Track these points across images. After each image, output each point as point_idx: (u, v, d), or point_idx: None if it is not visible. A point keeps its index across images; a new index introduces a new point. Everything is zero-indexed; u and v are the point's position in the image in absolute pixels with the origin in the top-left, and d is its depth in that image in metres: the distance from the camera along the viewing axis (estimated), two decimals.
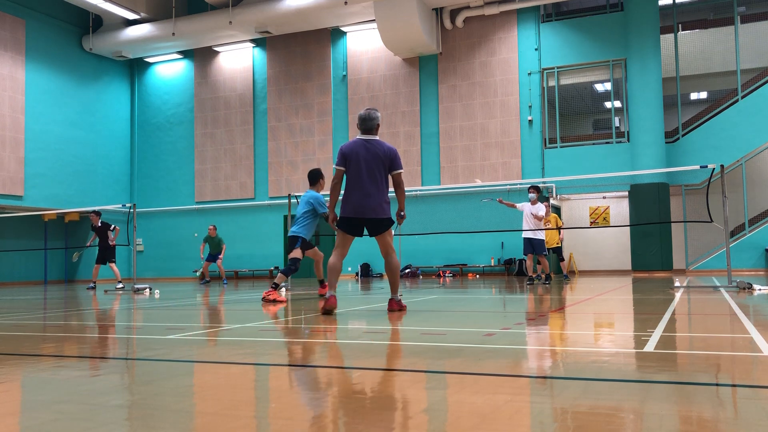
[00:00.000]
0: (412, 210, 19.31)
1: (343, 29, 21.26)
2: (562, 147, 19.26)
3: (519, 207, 12.62)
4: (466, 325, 5.25)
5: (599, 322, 5.51)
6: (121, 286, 13.87)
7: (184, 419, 2.22)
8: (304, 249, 8.88)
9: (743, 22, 18.98)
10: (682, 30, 19.59)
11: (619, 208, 20.61)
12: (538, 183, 18.70)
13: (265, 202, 22.06)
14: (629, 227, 18.22)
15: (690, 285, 10.36)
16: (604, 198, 20.90)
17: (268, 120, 22.30)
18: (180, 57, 23.52)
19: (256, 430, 2.07)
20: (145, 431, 2.05)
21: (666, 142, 18.30)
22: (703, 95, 22.56)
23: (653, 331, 4.26)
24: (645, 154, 17.83)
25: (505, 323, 5.36)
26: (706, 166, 9.88)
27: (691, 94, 22.21)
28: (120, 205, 17.63)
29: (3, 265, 20.31)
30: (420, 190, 19.33)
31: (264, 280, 20.20)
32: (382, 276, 19.65)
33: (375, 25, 19.68)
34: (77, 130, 21.99)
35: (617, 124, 19.57)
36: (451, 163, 19.97)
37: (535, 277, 12.86)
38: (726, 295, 7.82)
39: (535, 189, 12.65)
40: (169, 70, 23.88)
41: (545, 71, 19.44)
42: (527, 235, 12.54)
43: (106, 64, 23.21)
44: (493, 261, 19.32)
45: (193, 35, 21.45)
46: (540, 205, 12.39)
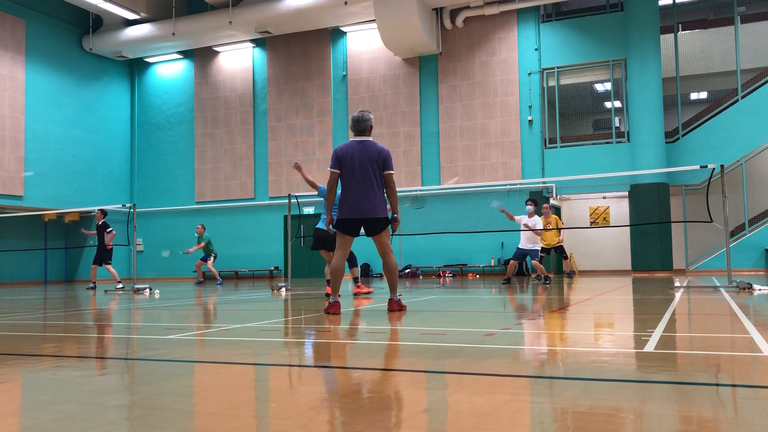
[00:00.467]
0: (412, 209, 19.33)
1: (343, 29, 21.26)
2: (562, 147, 19.25)
3: (517, 220, 13.00)
4: (466, 325, 5.25)
5: (599, 322, 5.51)
6: (120, 286, 13.87)
7: (184, 419, 2.22)
8: None
9: (743, 22, 18.97)
10: (682, 30, 19.58)
11: (619, 208, 20.61)
12: (538, 183, 18.73)
13: (265, 202, 22.06)
14: (629, 227, 18.21)
15: (690, 285, 10.36)
16: (604, 198, 20.90)
17: (268, 120, 22.30)
18: (180, 57, 23.52)
19: (256, 430, 2.07)
20: (145, 431, 2.05)
21: (666, 142, 18.30)
22: (703, 95, 22.55)
23: (653, 331, 4.26)
24: (645, 154, 17.82)
25: (505, 323, 5.36)
26: (706, 166, 9.88)
27: (691, 94, 22.20)
28: (120, 205, 17.63)
29: (3, 265, 20.30)
30: (420, 190, 19.34)
31: (264, 280, 20.21)
32: (381, 276, 19.65)
33: (375, 25, 19.68)
34: (77, 130, 21.99)
35: (617, 124, 19.57)
36: (451, 163, 19.97)
37: (510, 279, 13.28)
38: (726, 295, 7.82)
39: (533, 202, 12.87)
40: (169, 70, 23.89)
41: (545, 71, 19.44)
42: (523, 247, 12.88)
43: (106, 64, 23.21)
44: (493, 261, 19.32)
45: (193, 35, 21.45)
46: (537, 218, 12.71)
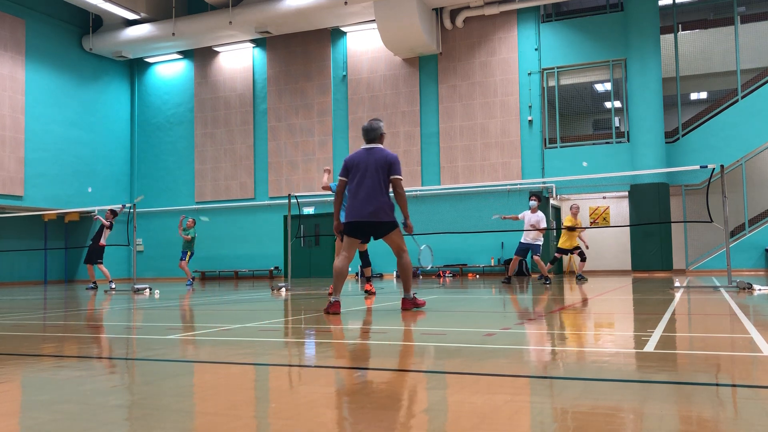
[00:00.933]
0: (412, 210, 19.31)
1: (343, 29, 21.26)
2: (562, 147, 19.25)
3: (520, 217, 12.94)
4: (466, 325, 5.25)
5: (599, 322, 5.51)
6: (113, 286, 13.89)
7: (184, 419, 2.22)
8: None
9: (743, 22, 18.97)
10: (682, 30, 19.58)
11: (619, 208, 20.62)
12: (538, 183, 18.73)
13: (265, 202, 22.06)
14: (629, 227, 18.21)
15: (690, 285, 10.36)
16: (604, 198, 20.91)
17: (268, 120, 22.31)
18: (180, 57, 23.52)
19: (256, 430, 2.07)
20: (145, 431, 2.05)
21: (666, 142, 18.30)
22: (703, 95, 22.55)
23: (653, 331, 4.26)
24: (645, 154, 17.83)
25: (505, 323, 5.36)
26: (706, 166, 9.88)
27: (691, 94, 22.20)
28: (120, 206, 17.61)
29: (3, 265, 20.31)
30: (420, 190, 19.33)
31: (264, 280, 20.21)
32: (381, 276, 19.66)
33: (375, 25, 19.68)
34: (77, 130, 21.99)
35: (617, 124, 19.57)
36: (451, 163, 19.97)
37: (510, 278, 13.23)
38: (726, 295, 7.82)
39: (537, 197, 12.83)
40: (169, 70, 23.89)
41: (545, 71, 19.44)
42: (526, 241, 12.81)
43: (106, 64, 23.21)
44: (493, 261, 19.32)
45: (193, 35, 21.45)
46: (540, 214, 12.66)
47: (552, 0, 18.52)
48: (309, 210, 21.00)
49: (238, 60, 22.80)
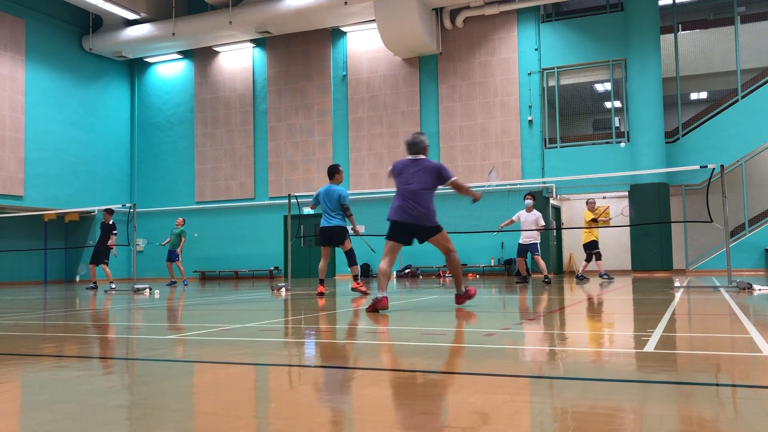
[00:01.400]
0: None
1: (343, 29, 21.26)
2: (562, 147, 19.25)
3: (516, 218, 12.93)
4: (466, 325, 5.25)
5: (599, 322, 5.51)
6: (113, 286, 13.96)
7: (184, 419, 2.22)
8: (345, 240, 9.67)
9: (743, 22, 18.97)
10: (682, 30, 19.58)
11: (619, 208, 20.58)
12: (538, 183, 18.73)
13: (265, 202, 22.06)
14: (629, 227, 18.21)
15: (690, 285, 10.36)
16: (604, 198, 20.89)
17: (268, 120, 22.31)
18: (180, 57, 23.52)
19: (256, 430, 2.07)
20: (145, 431, 2.05)
21: (666, 142, 18.30)
22: (703, 95, 22.55)
23: (653, 331, 4.26)
24: (645, 154, 17.82)
25: (505, 323, 5.36)
26: (706, 166, 9.88)
27: (691, 94, 22.20)
28: (120, 205, 17.62)
29: (3, 265, 20.30)
30: None
31: (264, 280, 20.21)
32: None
33: (375, 25, 19.68)
34: (77, 130, 21.99)
35: (617, 124, 19.57)
36: (451, 163, 19.96)
37: (527, 277, 13.11)
38: (726, 295, 7.82)
39: (532, 196, 12.84)
40: (169, 70, 23.89)
41: (545, 71, 19.44)
42: (523, 242, 12.81)
43: (106, 64, 23.21)
44: (493, 261, 19.33)
45: (193, 35, 21.45)
46: (537, 213, 12.68)
47: (552, 0, 18.52)
48: (309, 210, 20.98)
49: (238, 60, 22.80)
